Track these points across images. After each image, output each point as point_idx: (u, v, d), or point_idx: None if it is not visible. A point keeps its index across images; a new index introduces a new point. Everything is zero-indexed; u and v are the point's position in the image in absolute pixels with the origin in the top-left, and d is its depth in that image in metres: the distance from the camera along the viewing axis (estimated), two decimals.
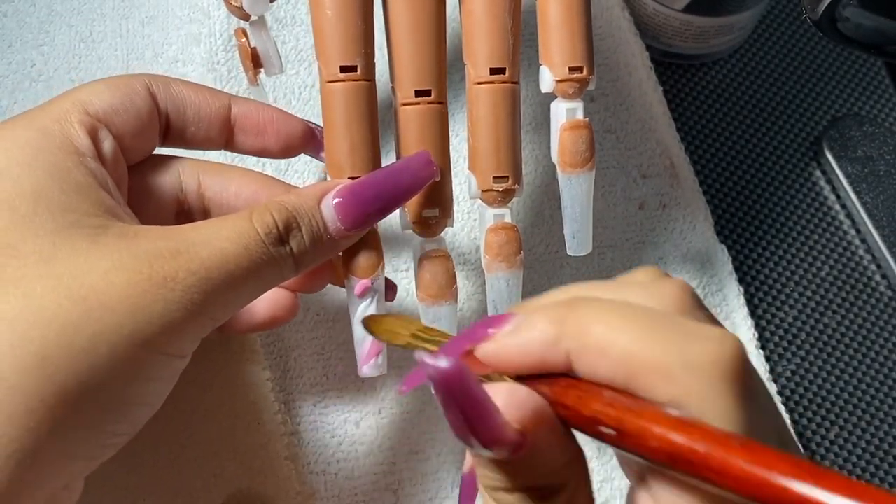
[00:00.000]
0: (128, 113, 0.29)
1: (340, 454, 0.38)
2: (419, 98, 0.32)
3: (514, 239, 0.33)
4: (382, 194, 0.30)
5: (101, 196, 0.27)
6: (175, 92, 0.31)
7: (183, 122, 0.31)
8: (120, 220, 0.27)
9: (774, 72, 0.52)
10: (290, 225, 0.28)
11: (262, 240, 0.28)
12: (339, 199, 0.29)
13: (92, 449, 0.26)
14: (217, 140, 0.32)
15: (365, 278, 0.31)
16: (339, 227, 0.29)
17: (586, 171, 0.33)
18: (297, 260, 0.29)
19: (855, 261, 0.47)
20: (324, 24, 0.31)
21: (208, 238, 0.27)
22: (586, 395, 0.21)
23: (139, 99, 0.30)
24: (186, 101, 0.31)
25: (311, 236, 0.29)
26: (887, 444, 0.43)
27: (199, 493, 0.36)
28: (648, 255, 0.44)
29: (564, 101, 0.33)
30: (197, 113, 0.31)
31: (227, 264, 0.27)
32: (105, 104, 0.29)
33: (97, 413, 0.25)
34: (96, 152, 0.28)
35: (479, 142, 0.33)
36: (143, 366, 0.25)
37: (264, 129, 0.33)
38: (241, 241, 0.27)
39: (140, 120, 0.30)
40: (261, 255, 0.28)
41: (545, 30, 0.33)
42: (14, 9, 0.46)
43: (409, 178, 0.30)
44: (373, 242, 0.32)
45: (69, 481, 0.26)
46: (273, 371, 0.38)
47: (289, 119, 0.33)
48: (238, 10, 0.33)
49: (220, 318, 0.28)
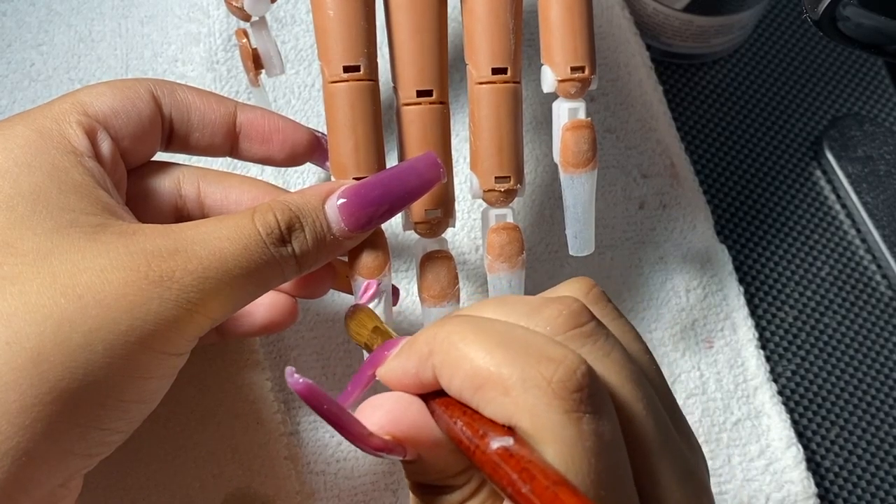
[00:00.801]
0: (128, 116, 0.30)
1: (340, 454, 0.38)
2: (421, 98, 0.32)
3: (516, 239, 0.33)
4: (388, 196, 0.29)
5: (99, 195, 0.27)
6: (180, 97, 0.31)
7: (187, 127, 0.31)
8: (119, 218, 0.27)
9: (774, 72, 0.52)
10: (292, 225, 0.28)
11: (263, 240, 0.28)
12: (343, 200, 0.29)
13: (88, 446, 0.26)
14: (221, 147, 0.32)
15: (372, 278, 0.31)
16: (344, 229, 0.29)
17: (588, 171, 0.33)
18: (299, 260, 0.29)
19: (855, 261, 0.47)
20: (326, 25, 0.31)
21: (207, 237, 0.27)
22: (454, 414, 0.23)
23: (141, 103, 0.30)
24: (191, 107, 0.31)
25: (314, 237, 0.29)
26: (887, 444, 0.43)
27: (198, 493, 0.36)
28: (648, 254, 0.44)
29: (566, 100, 0.33)
30: (202, 119, 0.31)
31: (225, 264, 0.27)
32: (105, 106, 0.29)
33: (93, 410, 0.25)
34: (94, 153, 0.28)
35: (481, 142, 0.33)
36: (139, 364, 0.25)
37: (270, 138, 0.33)
38: (240, 240, 0.27)
39: (141, 124, 0.30)
40: (261, 255, 0.27)
41: (547, 29, 0.33)
42: (13, 8, 0.45)
43: (415, 179, 0.30)
44: (379, 243, 0.31)
45: (66, 479, 0.26)
46: (273, 371, 0.38)
47: (296, 128, 0.33)
48: (239, 10, 0.33)
49: (218, 317, 0.27)
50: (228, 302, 0.28)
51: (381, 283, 0.31)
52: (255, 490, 0.36)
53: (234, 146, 0.33)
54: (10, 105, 0.43)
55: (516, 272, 0.33)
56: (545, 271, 0.42)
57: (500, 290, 0.33)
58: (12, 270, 0.25)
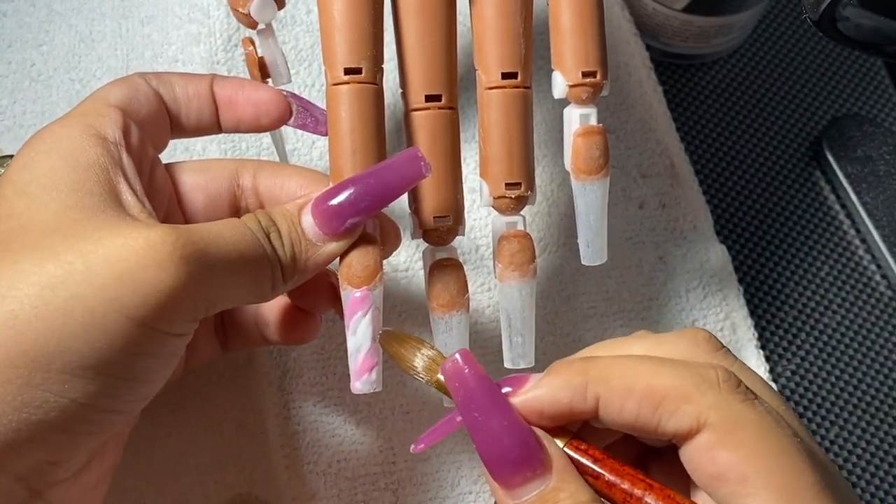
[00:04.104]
0: (141, 103, 0.30)
1: (341, 454, 0.38)
2: (429, 103, 0.31)
3: (528, 247, 0.32)
4: (362, 196, 0.29)
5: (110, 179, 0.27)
6: (165, 79, 0.32)
7: (177, 107, 0.32)
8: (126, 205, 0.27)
9: (774, 72, 0.52)
10: (268, 229, 0.29)
11: (255, 234, 0.28)
12: (315, 206, 0.29)
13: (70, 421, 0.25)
14: (209, 122, 0.33)
15: (361, 288, 0.30)
16: (318, 232, 0.29)
17: (601, 178, 0.32)
18: (283, 268, 0.29)
19: (855, 261, 0.47)
20: (330, 27, 0.31)
21: (206, 225, 0.27)
22: None
23: (144, 90, 0.31)
24: (175, 87, 0.32)
25: (290, 242, 0.29)
26: (887, 444, 0.43)
27: (200, 499, 0.36)
28: (648, 254, 0.44)
29: (577, 106, 0.33)
30: (186, 96, 0.32)
31: (224, 245, 0.27)
32: (122, 96, 0.30)
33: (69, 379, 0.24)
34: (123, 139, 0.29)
35: (491, 148, 0.32)
36: (125, 335, 0.25)
37: (234, 101, 0.33)
38: (237, 230, 0.28)
39: (152, 109, 0.31)
40: (255, 247, 0.28)
41: (557, 34, 0.32)
42: (14, 8, 0.45)
43: (393, 175, 0.29)
44: (369, 250, 0.30)
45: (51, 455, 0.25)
46: (273, 371, 0.38)
47: (256, 87, 0.33)
48: (245, 17, 0.33)
49: (214, 300, 0.27)
50: (225, 286, 0.27)
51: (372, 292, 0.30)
52: (255, 493, 0.36)
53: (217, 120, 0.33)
54: (10, 105, 0.43)
55: (528, 281, 0.32)
56: (543, 272, 0.42)
57: (511, 299, 0.32)
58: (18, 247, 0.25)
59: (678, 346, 0.27)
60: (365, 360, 0.30)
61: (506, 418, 0.25)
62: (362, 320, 0.30)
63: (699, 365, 0.25)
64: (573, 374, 0.26)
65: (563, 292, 0.42)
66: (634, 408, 0.25)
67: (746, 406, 0.24)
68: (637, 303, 0.43)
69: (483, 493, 0.38)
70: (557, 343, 0.41)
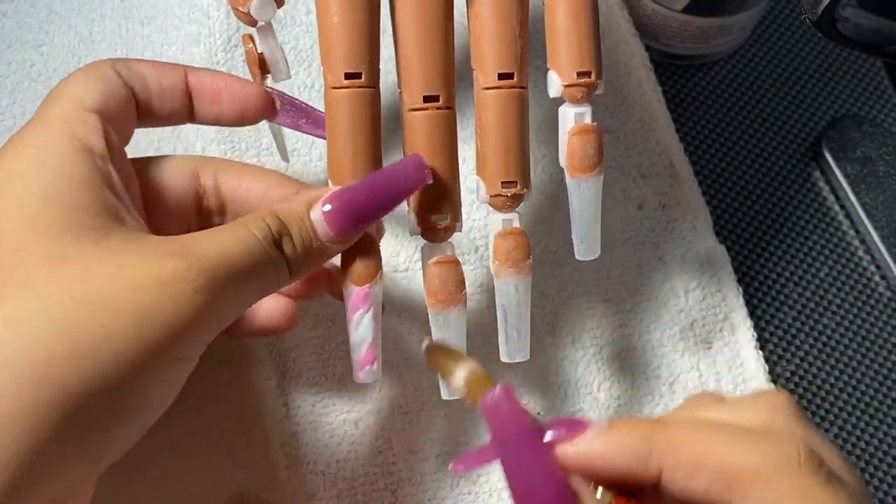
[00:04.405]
0: (114, 101, 0.30)
1: (340, 454, 0.38)
2: (427, 104, 0.32)
3: (523, 244, 0.33)
4: (373, 200, 0.30)
5: (105, 195, 0.27)
6: (135, 68, 0.31)
7: (148, 97, 0.31)
8: (123, 222, 0.27)
9: (774, 72, 0.52)
10: (281, 232, 0.29)
11: (261, 242, 0.28)
12: (328, 207, 0.29)
13: (96, 452, 0.26)
14: (180, 112, 0.32)
15: (362, 286, 0.31)
16: (330, 234, 0.30)
17: (595, 176, 0.33)
18: (290, 266, 0.29)
19: (854, 261, 0.47)
20: (329, 30, 0.31)
21: (212, 240, 0.27)
22: None
23: (115, 82, 0.30)
24: (147, 77, 0.31)
25: (301, 243, 0.29)
26: (887, 444, 0.43)
27: (199, 497, 0.36)
28: (648, 255, 0.44)
29: (572, 105, 0.33)
30: (158, 85, 0.31)
31: (232, 264, 0.27)
32: (98, 95, 0.29)
33: (101, 416, 0.25)
34: (106, 149, 0.28)
35: (488, 146, 0.33)
36: (148, 370, 0.25)
37: (219, 97, 0.33)
38: (243, 242, 0.28)
39: (121, 104, 0.30)
40: (262, 256, 0.28)
41: (553, 34, 0.33)
42: (14, 9, 0.46)
43: (402, 182, 0.30)
44: (370, 249, 0.31)
45: (74, 484, 0.26)
46: (272, 371, 0.38)
47: (244, 84, 0.33)
48: (245, 15, 0.33)
49: (225, 319, 0.28)
50: (235, 304, 0.28)
51: (373, 290, 0.31)
52: (254, 492, 0.36)
53: (190, 111, 0.33)
54: (10, 105, 0.43)
55: (523, 277, 0.33)
56: (542, 272, 0.42)
57: (507, 295, 0.33)
58: (24, 276, 0.25)
59: (757, 413, 0.25)
60: (367, 354, 0.32)
61: (539, 466, 0.24)
62: (365, 316, 0.31)
63: (780, 439, 0.24)
64: (638, 439, 0.24)
65: (562, 293, 0.42)
66: (704, 485, 0.23)
67: (827, 492, 0.23)
68: (636, 303, 0.43)
69: (483, 493, 0.38)
70: (557, 343, 0.41)
